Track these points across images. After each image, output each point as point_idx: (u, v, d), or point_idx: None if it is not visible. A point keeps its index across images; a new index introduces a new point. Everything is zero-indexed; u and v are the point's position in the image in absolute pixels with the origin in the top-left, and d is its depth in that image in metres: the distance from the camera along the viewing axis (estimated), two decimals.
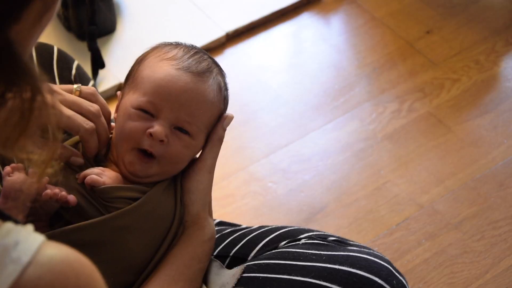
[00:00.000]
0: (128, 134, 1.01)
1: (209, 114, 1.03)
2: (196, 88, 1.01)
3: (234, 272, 1.02)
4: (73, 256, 0.60)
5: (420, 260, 1.58)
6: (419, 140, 1.82)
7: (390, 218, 1.65)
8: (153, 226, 1.01)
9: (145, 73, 1.03)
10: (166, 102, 1.00)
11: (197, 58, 1.05)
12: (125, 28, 2.02)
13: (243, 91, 1.93)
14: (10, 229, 0.59)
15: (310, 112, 1.88)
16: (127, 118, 1.01)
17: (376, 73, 1.97)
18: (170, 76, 1.01)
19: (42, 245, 0.59)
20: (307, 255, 1.02)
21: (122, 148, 1.02)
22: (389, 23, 2.09)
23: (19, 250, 0.58)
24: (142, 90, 1.02)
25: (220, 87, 1.05)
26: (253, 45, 2.04)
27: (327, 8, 2.13)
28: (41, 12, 0.61)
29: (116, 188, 0.99)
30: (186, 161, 1.03)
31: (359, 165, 1.76)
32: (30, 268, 0.58)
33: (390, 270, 1.02)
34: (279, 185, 1.72)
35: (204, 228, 1.04)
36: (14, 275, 0.57)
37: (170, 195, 1.03)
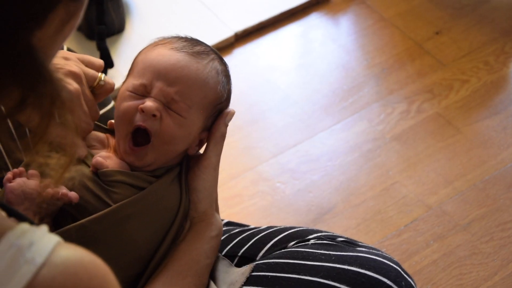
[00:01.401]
0: (123, 114, 1.01)
1: (202, 95, 1.02)
2: (188, 65, 1.01)
3: (244, 271, 1.03)
4: (87, 258, 0.61)
5: (428, 261, 1.58)
6: (428, 141, 1.81)
7: (399, 219, 1.65)
8: (157, 217, 1.01)
9: (139, 58, 1.05)
10: (156, 79, 1.00)
11: (194, 42, 1.05)
12: (134, 28, 2.02)
13: (252, 91, 1.93)
14: (25, 230, 0.60)
15: (318, 113, 1.88)
16: (122, 100, 1.02)
17: (384, 74, 1.97)
18: (162, 55, 1.02)
19: (57, 246, 0.60)
20: (316, 255, 1.02)
21: (119, 135, 1.02)
22: (398, 24, 2.09)
23: (34, 251, 0.58)
24: (135, 73, 1.03)
25: (217, 71, 1.04)
26: (262, 45, 2.04)
27: (336, 8, 2.13)
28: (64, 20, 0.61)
29: (118, 172, 1.00)
30: (180, 143, 1.02)
31: (367, 166, 1.76)
32: (44, 269, 0.58)
33: (399, 271, 1.02)
34: (287, 185, 1.72)
35: (212, 225, 1.04)
36: (28, 276, 0.57)
37: (175, 188, 1.03)
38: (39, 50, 0.59)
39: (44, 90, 0.60)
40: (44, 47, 0.61)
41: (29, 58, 0.59)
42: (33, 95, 0.60)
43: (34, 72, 0.59)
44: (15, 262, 0.58)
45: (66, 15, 0.62)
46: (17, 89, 0.60)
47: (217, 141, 1.05)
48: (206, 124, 1.05)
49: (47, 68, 0.60)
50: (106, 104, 1.19)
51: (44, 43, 0.61)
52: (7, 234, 0.59)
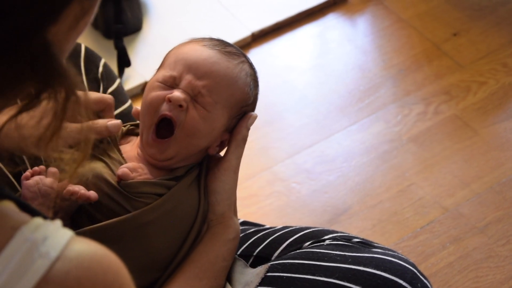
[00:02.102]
0: (149, 103, 1.02)
1: (229, 92, 1.03)
2: (219, 62, 1.02)
3: (258, 271, 1.03)
4: (101, 252, 0.61)
5: (444, 263, 1.57)
6: (445, 142, 1.80)
7: (415, 221, 1.64)
8: (176, 222, 1.01)
9: (172, 52, 1.06)
10: (186, 72, 1.01)
11: (226, 44, 1.07)
12: (151, 27, 2.02)
13: (268, 91, 1.93)
14: (39, 224, 0.60)
15: (335, 113, 1.87)
16: (150, 90, 1.03)
17: (402, 75, 1.96)
18: (194, 50, 1.04)
19: (71, 240, 0.60)
20: (331, 256, 1.02)
21: (143, 125, 1.03)
22: (416, 25, 2.08)
23: (48, 245, 0.59)
24: (167, 65, 1.04)
25: (247, 73, 1.05)
26: (279, 46, 2.03)
27: (353, 9, 2.12)
28: (78, 16, 0.62)
29: (143, 184, 1.00)
30: (203, 138, 1.02)
31: (383, 167, 1.75)
32: (58, 263, 0.58)
33: (415, 273, 1.01)
34: (303, 185, 1.72)
35: (229, 227, 1.04)
36: (43, 269, 0.57)
37: (194, 192, 1.04)
38: (53, 45, 0.60)
39: (59, 85, 0.60)
40: (58, 42, 0.61)
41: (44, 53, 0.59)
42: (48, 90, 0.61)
43: (49, 67, 0.60)
44: (29, 256, 0.58)
45: (81, 11, 0.62)
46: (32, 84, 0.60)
47: (238, 143, 1.05)
48: (229, 124, 1.05)
49: (61, 63, 0.61)
50: (124, 102, 1.19)
51: (59, 39, 0.61)
52: (21, 228, 0.59)
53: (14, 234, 0.58)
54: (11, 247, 0.58)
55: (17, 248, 0.58)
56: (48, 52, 0.59)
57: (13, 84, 0.59)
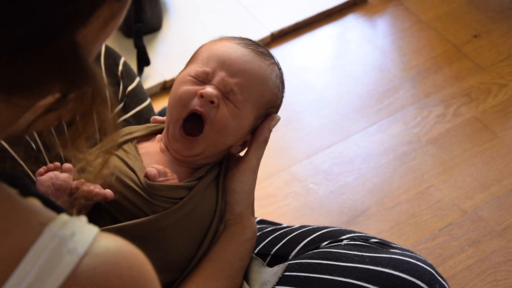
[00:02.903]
0: (180, 97, 1.02)
1: (260, 92, 1.03)
2: (251, 61, 1.03)
3: (276, 271, 1.03)
4: (126, 248, 0.62)
5: (462, 266, 1.56)
6: (464, 145, 1.79)
7: (433, 223, 1.64)
8: (194, 224, 1.02)
9: (205, 48, 1.07)
10: (220, 68, 1.02)
11: (258, 44, 1.08)
12: (171, 26, 2.03)
13: (287, 91, 1.90)
14: (66, 221, 0.61)
15: (353, 114, 1.87)
16: (181, 84, 1.03)
17: (421, 76, 1.95)
18: (228, 47, 1.05)
19: (97, 236, 0.61)
20: (349, 256, 1.02)
21: (171, 118, 1.02)
22: (436, 26, 2.07)
23: (76, 241, 0.59)
24: (199, 60, 1.05)
25: (277, 75, 1.06)
26: (298, 46, 2.03)
27: (373, 10, 2.12)
28: (108, 19, 0.63)
29: (167, 188, 0.99)
30: (231, 136, 1.03)
31: (402, 169, 1.74)
32: (86, 259, 0.59)
33: (433, 274, 1.01)
34: (320, 186, 1.71)
35: (246, 227, 1.04)
36: (71, 265, 0.58)
37: (211, 192, 1.04)
38: (82, 47, 0.60)
39: (86, 86, 0.61)
40: (87, 44, 0.62)
41: (73, 54, 0.60)
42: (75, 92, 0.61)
43: (77, 69, 0.60)
44: (58, 252, 0.59)
45: (110, 14, 0.63)
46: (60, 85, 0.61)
47: (259, 144, 1.06)
48: (255, 123, 1.05)
49: (89, 65, 0.61)
50: (143, 100, 1.19)
51: (88, 40, 0.62)
52: (49, 224, 0.60)
53: (43, 230, 0.59)
54: (40, 243, 0.59)
55: (46, 244, 0.59)
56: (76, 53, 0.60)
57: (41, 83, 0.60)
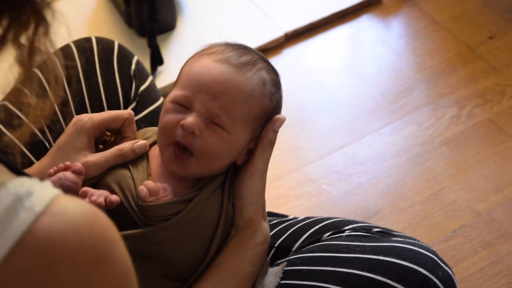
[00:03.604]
0: (163, 127, 1.00)
1: (247, 108, 0.99)
2: (231, 79, 0.98)
3: (276, 271, 1.02)
4: (87, 207, 0.61)
5: (476, 268, 1.55)
6: (478, 147, 1.78)
7: (446, 225, 1.63)
8: (196, 234, 1.00)
9: (185, 69, 1.03)
10: (199, 93, 0.98)
11: (241, 52, 1.02)
12: (185, 26, 2.03)
13: (300, 91, 1.92)
14: (24, 182, 0.60)
15: (366, 115, 1.86)
16: (164, 112, 1.01)
17: (435, 78, 1.94)
18: (205, 68, 1.00)
19: (57, 197, 0.60)
20: (350, 247, 1.01)
21: (161, 144, 1.01)
22: (451, 27, 2.06)
23: (32, 200, 0.58)
24: (179, 84, 1.02)
25: (264, 82, 1.01)
26: (312, 46, 2.03)
27: (388, 10, 2.11)
28: None
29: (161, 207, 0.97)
30: (226, 157, 1.00)
31: (415, 170, 1.74)
32: (43, 217, 0.58)
33: (436, 261, 0.99)
34: (333, 187, 1.71)
35: (257, 231, 1.03)
36: (27, 222, 0.57)
37: (215, 199, 1.01)
38: None
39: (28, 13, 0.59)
40: None
41: None
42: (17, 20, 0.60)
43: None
44: (13, 210, 0.58)
45: None
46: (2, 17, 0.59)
47: (265, 147, 1.03)
48: (254, 135, 1.03)
49: None
50: (156, 100, 1.19)
51: None
52: (6, 184, 0.59)
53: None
54: None
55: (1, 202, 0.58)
56: None
57: None
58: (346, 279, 0.97)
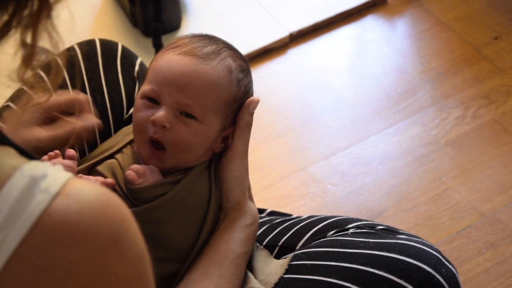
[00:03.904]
0: (136, 125, 1.02)
1: (215, 97, 1.01)
2: (196, 70, 1.00)
3: (282, 263, 1.03)
4: (101, 189, 0.61)
5: (480, 269, 1.55)
6: (483, 147, 1.78)
7: (451, 225, 1.63)
8: (187, 215, 1.01)
9: (151, 64, 1.05)
10: (166, 86, 1.00)
11: (205, 42, 1.04)
12: (190, 26, 2.03)
13: (305, 92, 1.92)
14: (38, 164, 0.61)
15: (371, 115, 1.86)
16: (135, 110, 1.03)
17: (440, 78, 1.94)
18: (170, 61, 1.01)
19: (71, 179, 0.60)
20: (355, 243, 1.02)
21: (137, 142, 1.03)
22: (456, 28, 2.05)
23: (48, 182, 0.59)
24: (147, 80, 1.03)
25: (230, 69, 1.02)
26: (317, 46, 2.03)
27: (393, 11, 2.11)
28: None
29: (150, 188, 1.00)
30: (199, 148, 1.02)
31: (420, 171, 1.74)
32: (58, 198, 0.58)
33: (439, 258, 1.00)
34: (338, 187, 1.71)
35: (245, 213, 1.04)
36: (44, 204, 0.58)
37: (203, 182, 1.03)
38: None
39: None
40: None
41: None
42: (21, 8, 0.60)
43: None
44: (29, 192, 0.58)
45: None
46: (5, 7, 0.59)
47: (242, 130, 1.04)
48: (225, 122, 1.04)
49: None
50: None
51: None
52: (21, 166, 0.59)
53: (14, 173, 0.59)
54: (10, 184, 0.58)
55: (16, 183, 0.58)
56: None
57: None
58: (349, 274, 0.98)
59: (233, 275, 1.00)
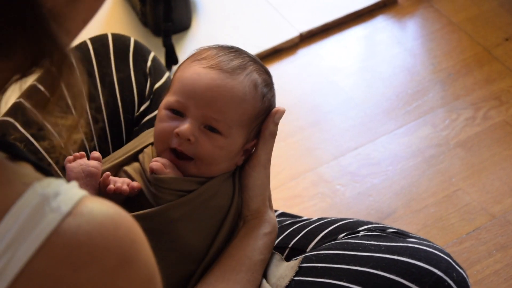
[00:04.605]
0: (158, 135, 1.02)
1: (240, 112, 1.01)
2: (223, 84, 1.00)
3: (293, 265, 1.03)
4: (113, 209, 0.61)
5: (490, 271, 1.54)
6: (494, 148, 1.77)
7: (460, 227, 1.62)
8: (207, 216, 1.02)
9: (177, 75, 1.05)
10: (192, 100, 1.00)
11: (231, 56, 1.04)
12: (200, 26, 2.03)
13: (315, 92, 1.92)
14: (51, 182, 0.60)
15: (381, 116, 1.86)
16: (158, 120, 1.03)
17: (451, 79, 1.93)
18: (196, 75, 1.01)
19: (83, 198, 0.60)
20: (366, 246, 1.02)
21: (158, 150, 1.03)
22: (467, 29, 2.05)
23: (59, 201, 0.58)
24: (172, 90, 1.03)
25: (256, 84, 1.03)
26: (326, 47, 2.02)
27: (403, 11, 2.10)
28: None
29: (175, 180, 1.00)
30: (223, 161, 1.03)
31: (430, 172, 1.73)
32: (69, 218, 0.58)
33: (450, 262, 0.99)
34: (347, 188, 1.70)
35: (265, 222, 1.05)
36: (54, 223, 0.57)
37: (228, 186, 1.04)
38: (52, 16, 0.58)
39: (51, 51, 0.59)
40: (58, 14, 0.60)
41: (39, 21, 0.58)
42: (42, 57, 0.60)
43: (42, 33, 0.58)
44: (40, 210, 0.58)
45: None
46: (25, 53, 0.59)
47: (266, 139, 1.05)
48: (248, 136, 1.04)
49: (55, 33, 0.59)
50: (162, 75, 1.20)
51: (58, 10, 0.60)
52: (33, 184, 0.59)
53: (26, 190, 0.59)
54: (22, 202, 0.58)
55: (28, 202, 0.58)
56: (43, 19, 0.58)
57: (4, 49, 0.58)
58: (360, 277, 0.98)
59: (248, 281, 1.01)
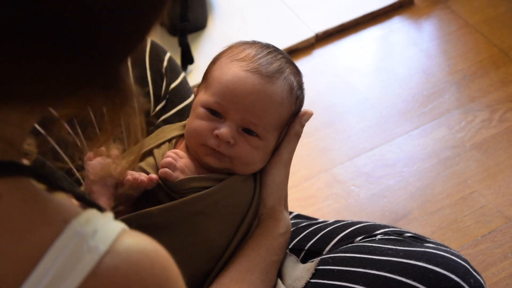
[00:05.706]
0: (194, 132, 1.03)
1: (277, 116, 1.03)
2: (263, 90, 1.02)
3: (309, 267, 1.03)
4: (150, 246, 0.61)
5: (505, 274, 1.53)
6: (509, 151, 1.76)
7: (476, 229, 1.61)
8: (227, 213, 1.02)
9: (216, 74, 1.05)
10: (232, 103, 1.01)
11: (269, 58, 1.05)
12: (216, 25, 2.04)
13: (330, 92, 1.92)
14: (89, 218, 0.61)
15: (396, 117, 1.85)
16: (195, 116, 1.04)
17: (466, 81, 1.93)
18: (238, 78, 1.02)
19: (120, 234, 0.60)
20: (383, 250, 1.01)
21: (191, 143, 1.04)
22: (483, 30, 2.04)
23: (97, 239, 0.59)
24: (211, 90, 1.04)
25: (292, 87, 1.05)
26: (342, 47, 2.02)
27: (419, 12, 2.10)
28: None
29: (190, 180, 1.00)
30: (259, 162, 1.04)
31: (445, 173, 1.72)
32: (107, 257, 0.59)
33: (467, 269, 0.99)
34: (361, 189, 1.70)
35: (280, 221, 1.05)
36: (91, 264, 0.58)
37: (249, 185, 1.04)
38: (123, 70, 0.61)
39: (115, 94, 0.61)
40: None
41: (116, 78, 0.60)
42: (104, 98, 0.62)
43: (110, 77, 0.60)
44: (78, 251, 0.58)
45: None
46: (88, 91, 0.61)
47: (291, 139, 1.06)
48: (280, 137, 1.06)
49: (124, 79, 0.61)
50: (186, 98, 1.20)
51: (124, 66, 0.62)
52: (72, 221, 0.60)
53: (65, 228, 0.59)
54: (61, 241, 0.58)
55: (67, 242, 0.58)
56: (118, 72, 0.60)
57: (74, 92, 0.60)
58: (377, 281, 0.97)
59: (263, 282, 1.01)
